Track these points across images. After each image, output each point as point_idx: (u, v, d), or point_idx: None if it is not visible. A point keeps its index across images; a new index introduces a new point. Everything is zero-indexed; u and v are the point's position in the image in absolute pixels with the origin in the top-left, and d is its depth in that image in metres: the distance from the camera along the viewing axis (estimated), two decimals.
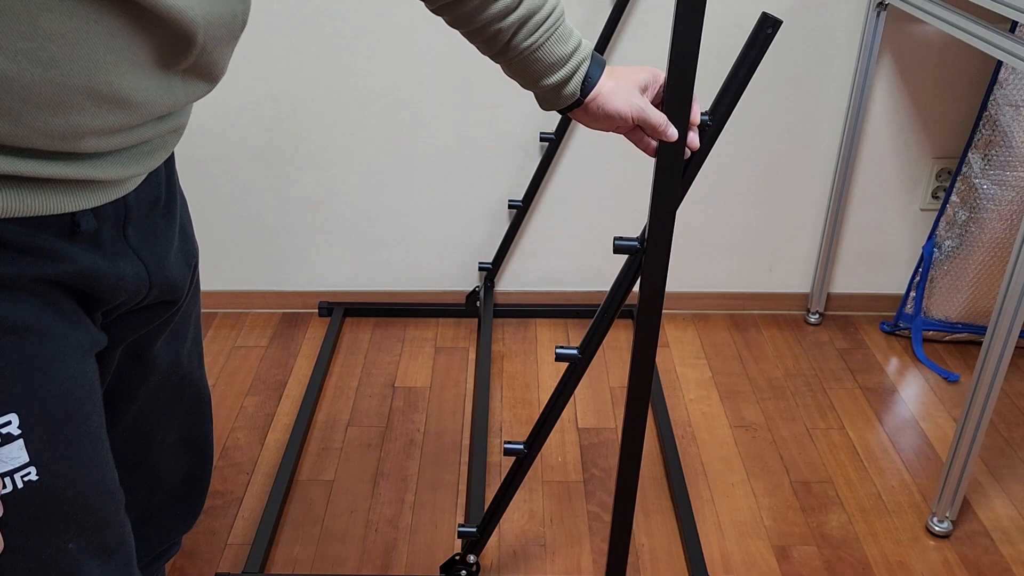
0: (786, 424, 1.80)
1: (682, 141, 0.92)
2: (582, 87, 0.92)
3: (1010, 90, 1.76)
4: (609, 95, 0.92)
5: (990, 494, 1.63)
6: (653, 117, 0.91)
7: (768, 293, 2.16)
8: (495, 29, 0.87)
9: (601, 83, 0.92)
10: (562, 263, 2.12)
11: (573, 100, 0.93)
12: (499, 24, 0.87)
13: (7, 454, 0.65)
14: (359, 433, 1.76)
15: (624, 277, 1.06)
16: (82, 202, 0.67)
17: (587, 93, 0.92)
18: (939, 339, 2.05)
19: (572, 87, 0.92)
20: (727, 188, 2.02)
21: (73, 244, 0.68)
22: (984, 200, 1.84)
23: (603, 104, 0.92)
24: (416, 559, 1.48)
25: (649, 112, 0.91)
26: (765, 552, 1.50)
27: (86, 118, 0.61)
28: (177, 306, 0.85)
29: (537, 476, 1.65)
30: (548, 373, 1.94)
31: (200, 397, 0.97)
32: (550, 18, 0.89)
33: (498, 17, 0.86)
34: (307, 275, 2.13)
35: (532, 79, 0.92)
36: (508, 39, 0.88)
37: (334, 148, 1.96)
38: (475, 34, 0.89)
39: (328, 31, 1.83)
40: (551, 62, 0.90)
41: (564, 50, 0.90)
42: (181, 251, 0.84)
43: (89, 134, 0.62)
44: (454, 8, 0.87)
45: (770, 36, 0.88)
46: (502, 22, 0.87)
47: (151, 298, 0.79)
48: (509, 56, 0.90)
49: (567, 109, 0.94)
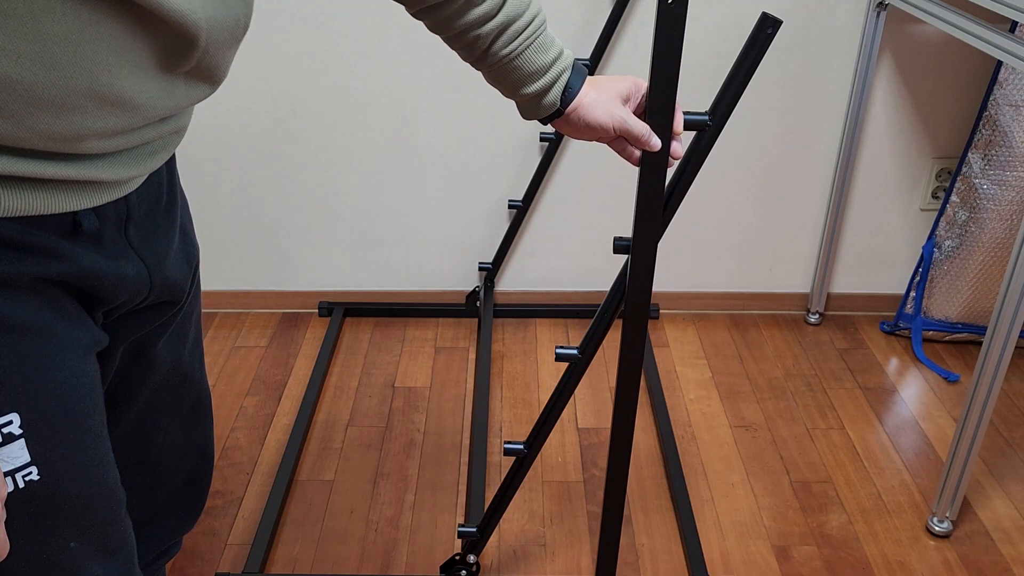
0: (786, 424, 1.80)
1: (665, 150, 0.92)
2: (562, 98, 0.91)
3: (1010, 90, 1.76)
4: (590, 106, 0.91)
5: (990, 494, 1.63)
6: (635, 128, 0.90)
7: (768, 293, 2.16)
8: (474, 35, 0.87)
9: (582, 94, 0.92)
10: (562, 263, 2.12)
11: (553, 110, 0.92)
12: (478, 31, 0.86)
13: (8, 453, 0.65)
14: (359, 433, 1.76)
15: (624, 277, 1.06)
16: (84, 201, 0.67)
17: (567, 104, 0.91)
18: (939, 339, 2.05)
19: (552, 97, 0.91)
20: (727, 188, 2.02)
21: (75, 243, 0.68)
22: (984, 200, 1.84)
23: (584, 115, 0.92)
24: (416, 559, 1.48)
25: (631, 123, 0.90)
26: (765, 552, 1.50)
27: (88, 120, 0.61)
28: (178, 306, 0.85)
29: (537, 476, 1.65)
30: (548, 373, 1.94)
31: (201, 397, 0.97)
32: (530, 26, 0.88)
33: (477, 23, 0.86)
34: (307, 275, 2.13)
35: (512, 88, 0.91)
36: (487, 46, 0.87)
37: (334, 148, 1.96)
38: (454, 40, 0.89)
39: (328, 31, 1.83)
40: (530, 71, 0.89)
41: (544, 60, 0.90)
42: (182, 251, 0.84)
43: (91, 136, 0.62)
44: (433, 12, 0.86)
45: (770, 36, 0.88)
46: (480, 28, 0.86)
47: (152, 298, 0.79)
48: (488, 63, 0.89)
49: (548, 119, 0.94)
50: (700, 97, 1.85)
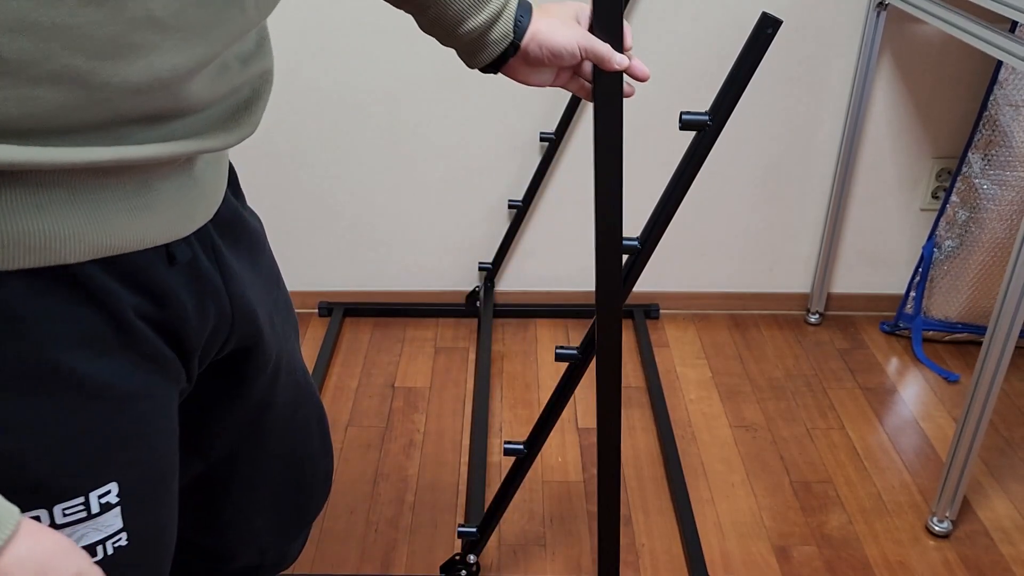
0: (786, 424, 1.80)
1: (619, 78, 0.82)
2: (515, 28, 0.80)
3: (1010, 90, 1.76)
4: (549, 31, 0.80)
5: (990, 494, 1.63)
6: (599, 46, 0.80)
7: (768, 293, 2.16)
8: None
9: (536, 20, 0.81)
10: (562, 263, 2.12)
11: (506, 43, 0.80)
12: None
13: (104, 523, 0.63)
14: (359, 433, 1.76)
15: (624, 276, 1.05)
16: (185, 222, 0.62)
17: (521, 34, 0.80)
18: (939, 339, 2.05)
19: (503, 27, 0.80)
20: (727, 188, 2.02)
21: (171, 277, 0.64)
22: (984, 200, 1.84)
23: (546, 41, 0.80)
24: (416, 559, 1.48)
25: (595, 41, 0.80)
26: (765, 552, 1.50)
27: (162, 56, 0.53)
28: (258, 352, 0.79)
29: (537, 476, 1.65)
30: (548, 373, 1.94)
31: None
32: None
33: None
34: (307, 275, 2.13)
35: (453, 24, 0.80)
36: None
37: (334, 148, 1.96)
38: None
39: (327, 31, 1.83)
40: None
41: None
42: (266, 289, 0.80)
43: (173, 78, 0.55)
44: None
45: (770, 36, 0.88)
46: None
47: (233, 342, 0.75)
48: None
49: (500, 59, 0.82)
50: (700, 97, 1.85)
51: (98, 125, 0.54)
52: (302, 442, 0.92)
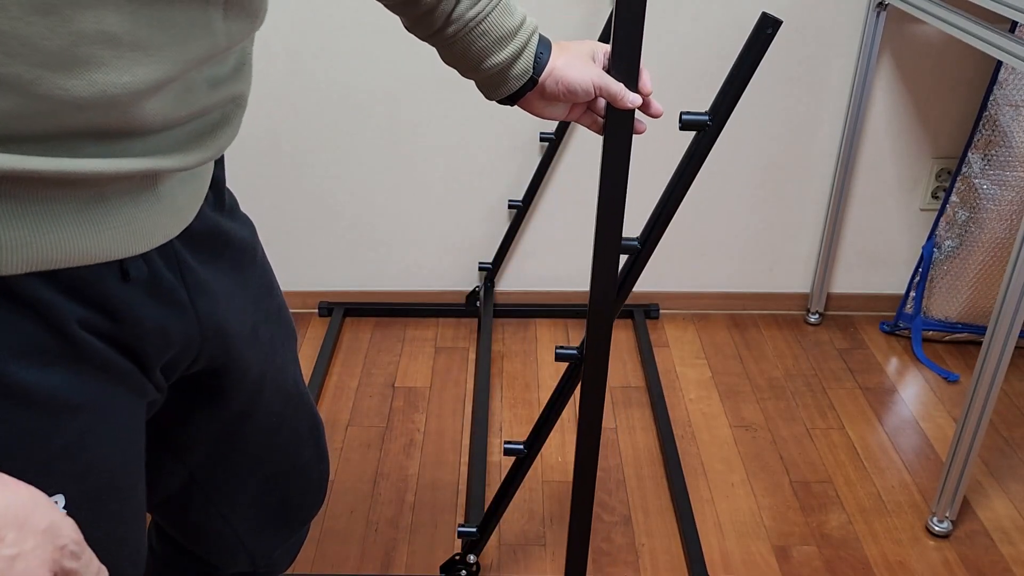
0: (786, 424, 1.80)
1: (630, 116, 0.86)
2: (535, 63, 0.84)
3: (1010, 90, 1.76)
4: (566, 68, 0.84)
5: (990, 494, 1.63)
6: (613, 84, 0.84)
7: (768, 293, 2.16)
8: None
9: (554, 56, 0.85)
10: (562, 263, 2.12)
11: (526, 79, 0.84)
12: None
13: None
14: (359, 433, 1.76)
15: (624, 276, 1.06)
16: (142, 238, 0.60)
17: (540, 70, 0.84)
18: (939, 339, 2.05)
19: (523, 64, 0.83)
20: (727, 188, 2.02)
21: (128, 292, 0.62)
22: (984, 200, 1.84)
23: (563, 77, 0.84)
24: (416, 559, 1.48)
25: (609, 79, 0.84)
26: (765, 552, 1.50)
27: (111, 73, 0.51)
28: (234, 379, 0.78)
29: (537, 476, 1.65)
30: (548, 373, 1.94)
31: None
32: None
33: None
34: (307, 275, 2.13)
35: (476, 59, 0.83)
36: (451, 9, 0.80)
37: (334, 148, 1.96)
38: (410, 5, 0.80)
39: (327, 31, 1.83)
40: (499, 36, 0.82)
41: (512, 22, 0.82)
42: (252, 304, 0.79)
43: (125, 96, 0.53)
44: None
45: (770, 36, 0.88)
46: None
47: (202, 360, 0.74)
48: (452, 29, 0.81)
49: (518, 92, 0.86)
50: (700, 97, 1.85)
51: (43, 136, 0.52)
52: (292, 451, 0.91)
